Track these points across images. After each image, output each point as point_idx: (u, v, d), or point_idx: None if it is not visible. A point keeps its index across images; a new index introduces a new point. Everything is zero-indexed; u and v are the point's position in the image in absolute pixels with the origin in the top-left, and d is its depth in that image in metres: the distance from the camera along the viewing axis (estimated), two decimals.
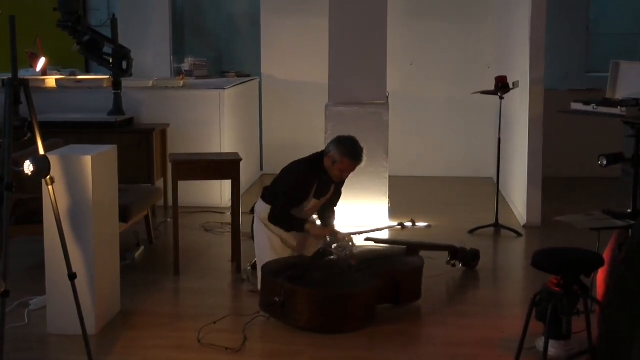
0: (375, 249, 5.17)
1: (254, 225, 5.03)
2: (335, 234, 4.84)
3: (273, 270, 4.58)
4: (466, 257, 5.48)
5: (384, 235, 6.36)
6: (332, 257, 4.75)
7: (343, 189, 5.09)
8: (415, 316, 4.71)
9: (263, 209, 4.93)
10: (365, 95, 6.65)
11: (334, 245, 4.77)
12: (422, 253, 5.18)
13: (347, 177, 4.93)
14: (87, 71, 9.30)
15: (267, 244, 4.90)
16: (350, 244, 4.80)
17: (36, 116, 3.70)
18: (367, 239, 5.34)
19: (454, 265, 5.48)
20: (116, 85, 6.99)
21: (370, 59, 6.65)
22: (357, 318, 4.43)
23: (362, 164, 4.86)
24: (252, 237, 5.11)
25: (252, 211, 5.09)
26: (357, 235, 5.08)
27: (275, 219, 4.83)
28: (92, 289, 4.34)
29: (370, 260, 4.81)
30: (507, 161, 7.48)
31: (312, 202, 4.89)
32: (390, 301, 4.70)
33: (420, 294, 4.84)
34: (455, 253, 5.47)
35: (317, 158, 4.87)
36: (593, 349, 3.80)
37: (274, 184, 4.99)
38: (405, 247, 5.19)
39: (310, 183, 4.81)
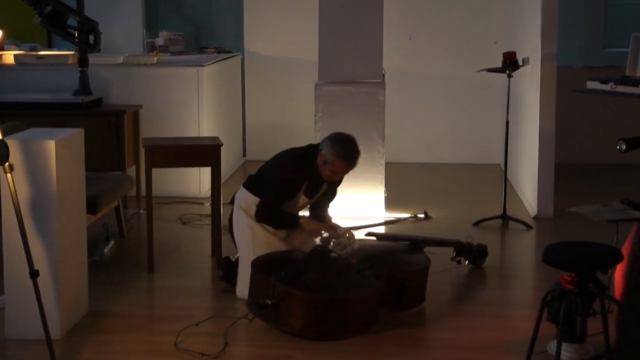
0: (377, 245, 5.16)
1: (234, 215, 5.00)
2: (334, 229, 4.80)
3: (264, 267, 4.52)
4: (473, 254, 5.49)
5: (385, 229, 6.36)
6: (332, 254, 4.72)
7: None
8: (418, 318, 4.71)
9: (244, 197, 4.91)
10: (359, 73, 6.64)
11: (332, 242, 4.75)
12: (426, 249, 5.19)
13: (338, 179, 4.91)
14: (50, 46, 9.25)
15: (250, 236, 4.87)
16: (351, 240, 4.76)
17: None
18: (369, 234, 5.34)
19: (459, 262, 5.49)
20: (82, 61, 6.96)
21: (365, 33, 6.63)
22: (358, 325, 4.40)
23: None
24: (230, 230, 5.09)
25: (232, 201, 5.06)
26: (357, 229, 5.06)
27: (263, 216, 4.81)
28: (56, 288, 4.32)
29: (372, 258, 4.78)
30: (516, 146, 7.49)
31: (302, 199, 4.88)
32: (393, 305, 4.69)
33: (425, 297, 4.85)
34: (462, 249, 5.47)
35: (310, 152, 4.84)
36: (610, 352, 3.81)
37: (260, 173, 4.97)
38: (408, 242, 5.19)
39: (300, 179, 4.79)
